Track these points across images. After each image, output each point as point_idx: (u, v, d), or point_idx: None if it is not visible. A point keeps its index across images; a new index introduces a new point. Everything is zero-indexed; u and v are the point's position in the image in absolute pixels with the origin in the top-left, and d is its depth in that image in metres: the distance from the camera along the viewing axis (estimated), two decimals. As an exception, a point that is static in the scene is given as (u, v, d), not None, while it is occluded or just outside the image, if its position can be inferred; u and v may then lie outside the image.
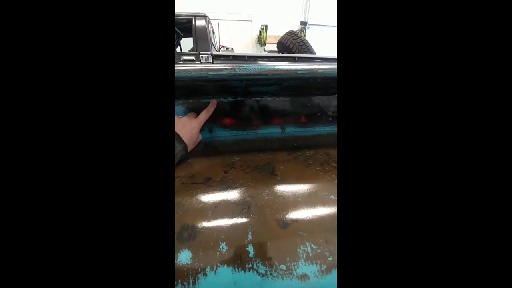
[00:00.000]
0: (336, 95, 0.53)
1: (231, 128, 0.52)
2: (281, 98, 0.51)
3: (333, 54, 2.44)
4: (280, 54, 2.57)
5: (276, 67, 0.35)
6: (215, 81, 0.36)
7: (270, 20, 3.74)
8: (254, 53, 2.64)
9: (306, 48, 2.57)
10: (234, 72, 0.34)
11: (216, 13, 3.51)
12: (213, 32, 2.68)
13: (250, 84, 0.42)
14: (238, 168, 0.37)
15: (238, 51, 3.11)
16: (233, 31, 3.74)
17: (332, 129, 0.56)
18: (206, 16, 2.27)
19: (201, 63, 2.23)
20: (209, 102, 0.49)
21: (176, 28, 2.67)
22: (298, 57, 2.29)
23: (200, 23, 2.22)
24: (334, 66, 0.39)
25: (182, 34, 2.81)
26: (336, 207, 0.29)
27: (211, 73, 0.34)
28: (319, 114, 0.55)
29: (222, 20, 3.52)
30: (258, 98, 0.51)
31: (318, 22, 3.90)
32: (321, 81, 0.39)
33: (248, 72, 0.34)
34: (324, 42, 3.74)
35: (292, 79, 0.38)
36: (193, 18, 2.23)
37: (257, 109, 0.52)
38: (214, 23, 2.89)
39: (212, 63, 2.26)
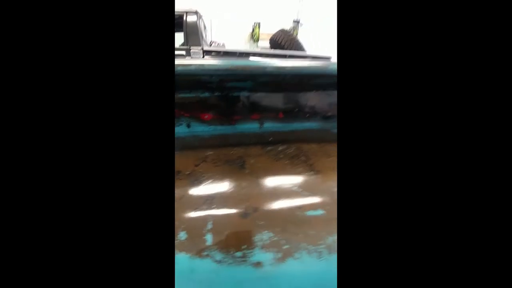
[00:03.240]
0: (313, 92, 0.54)
1: (209, 123, 0.52)
2: (259, 94, 0.52)
3: (325, 52, 2.46)
4: (272, 51, 2.58)
5: (245, 63, 0.36)
6: (184, 75, 0.37)
7: (263, 18, 3.72)
8: (245, 50, 2.63)
9: (298, 46, 2.57)
10: (202, 68, 0.35)
11: (210, 9, 3.47)
12: (205, 27, 2.64)
13: (224, 79, 0.43)
14: (210, 162, 0.38)
15: (231, 47, 3.08)
16: (226, 27, 3.70)
17: (310, 125, 0.57)
18: (197, 12, 2.24)
19: (192, 58, 2.21)
20: (185, 97, 0.49)
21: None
22: (289, 55, 2.30)
23: (191, 18, 2.20)
24: (305, 64, 0.40)
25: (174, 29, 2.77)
26: (298, 198, 0.30)
27: (179, 68, 0.34)
28: (296, 110, 0.56)
29: (215, 16, 3.49)
30: (235, 94, 0.51)
31: (311, 20, 3.91)
32: (290, 78, 0.40)
33: (217, 67, 0.35)
34: (317, 40, 3.75)
35: (261, 75, 0.38)
36: (184, 14, 2.20)
37: (235, 104, 0.52)
38: (206, 19, 2.85)
39: (203, 58, 2.23)
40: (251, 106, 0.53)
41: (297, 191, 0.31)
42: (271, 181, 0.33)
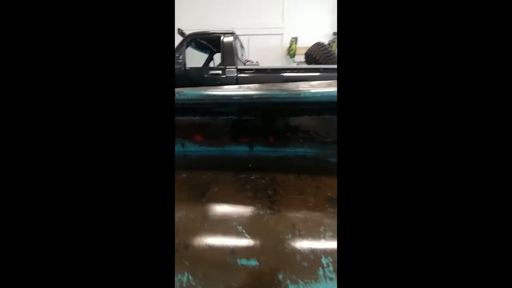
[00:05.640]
0: (305, 117, 0.50)
1: (201, 144, 0.54)
2: (247, 117, 0.52)
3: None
4: (304, 66, 2.54)
5: (211, 93, 0.37)
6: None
7: (301, 32, 3.75)
8: (276, 66, 2.68)
9: (334, 58, 2.46)
10: (180, 98, 0.37)
11: (247, 29, 3.72)
12: (241, 47, 2.83)
13: (209, 105, 0.45)
14: (176, 187, 0.39)
15: (268, 64, 3.19)
16: (263, 45, 3.88)
17: (304, 150, 0.53)
18: (233, 33, 2.42)
19: (227, 77, 2.38)
20: (179, 119, 0.53)
21: (209, 45, 2.94)
22: (323, 68, 2.22)
23: (227, 39, 2.39)
24: (276, 92, 0.38)
25: (215, 50, 3.07)
26: (237, 240, 0.27)
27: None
28: (288, 134, 0.52)
29: (252, 35, 3.71)
30: (224, 117, 0.52)
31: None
32: (261, 105, 0.38)
33: (187, 97, 0.37)
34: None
35: (229, 104, 0.38)
36: (222, 35, 2.41)
37: (224, 127, 0.53)
38: (244, 38, 3.05)
39: (237, 76, 2.38)
40: (239, 129, 0.53)
41: (240, 232, 0.28)
42: (219, 215, 0.31)
